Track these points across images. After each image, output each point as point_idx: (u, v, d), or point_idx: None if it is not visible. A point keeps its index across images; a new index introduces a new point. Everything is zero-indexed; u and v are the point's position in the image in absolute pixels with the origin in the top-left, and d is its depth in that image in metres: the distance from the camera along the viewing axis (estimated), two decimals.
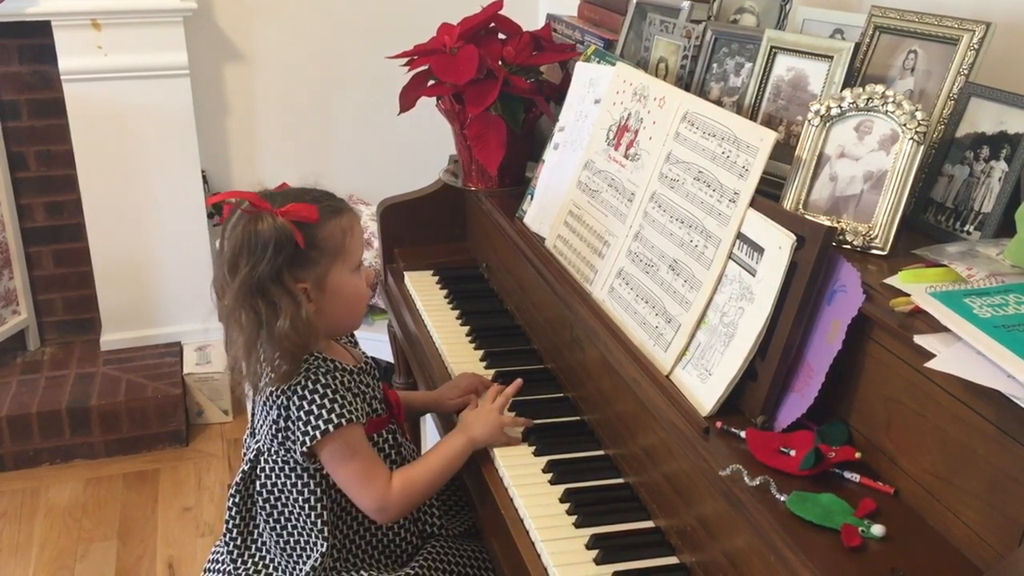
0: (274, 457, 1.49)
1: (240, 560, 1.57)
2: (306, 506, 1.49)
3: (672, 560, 1.31)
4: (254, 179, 3.39)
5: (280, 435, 1.45)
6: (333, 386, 1.44)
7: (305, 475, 1.48)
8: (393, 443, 1.57)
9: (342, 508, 1.52)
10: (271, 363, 1.41)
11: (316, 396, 1.42)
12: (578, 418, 1.65)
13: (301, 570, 1.50)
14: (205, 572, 1.63)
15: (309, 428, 1.42)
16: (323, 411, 1.42)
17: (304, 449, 1.43)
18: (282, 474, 1.50)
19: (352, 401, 1.45)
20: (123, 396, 3.08)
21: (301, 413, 1.42)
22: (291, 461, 1.48)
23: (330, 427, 1.41)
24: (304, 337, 1.41)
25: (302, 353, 1.43)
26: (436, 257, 2.29)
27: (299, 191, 1.49)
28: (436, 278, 2.22)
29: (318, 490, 1.48)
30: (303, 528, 1.50)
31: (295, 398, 1.43)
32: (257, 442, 1.52)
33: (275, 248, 1.38)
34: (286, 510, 1.51)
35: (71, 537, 2.73)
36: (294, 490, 1.49)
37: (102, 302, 3.33)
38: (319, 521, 1.48)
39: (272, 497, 1.51)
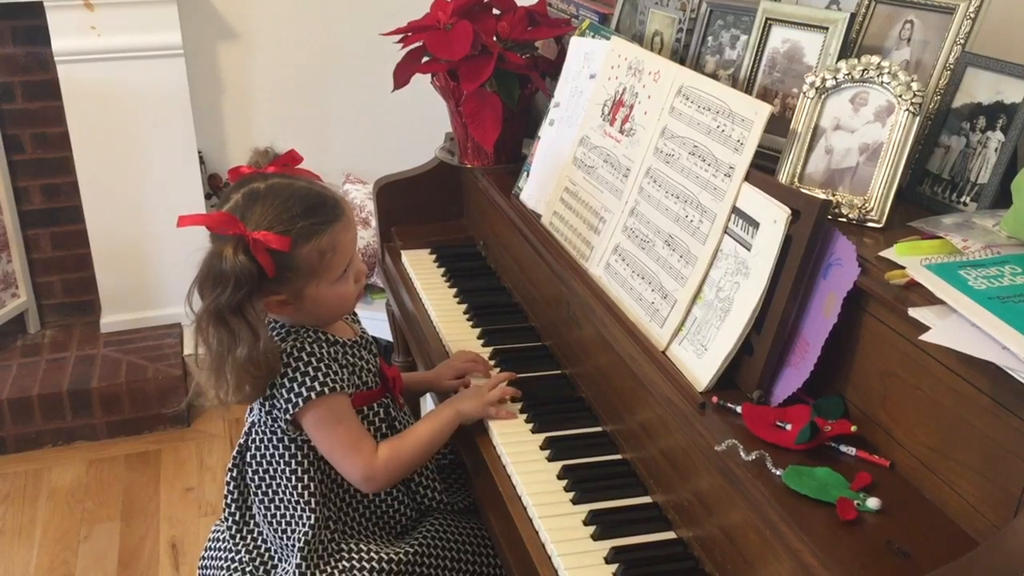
0: (263, 428, 1.51)
1: (239, 536, 1.58)
2: (292, 477, 1.50)
3: (669, 535, 1.32)
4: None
5: (267, 404, 1.47)
6: (318, 355, 1.45)
7: (292, 446, 1.50)
8: (384, 417, 1.57)
9: (331, 480, 1.53)
10: (233, 385, 1.42)
11: (300, 364, 1.44)
12: (575, 395, 1.65)
13: (292, 544, 1.50)
14: (206, 550, 1.64)
15: (292, 396, 1.43)
16: (306, 379, 1.43)
17: (288, 417, 1.45)
18: (270, 445, 1.51)
19: (338, 371, 1.47)
20: (124, 378, 3.09)
21: (285, 380, 1.44)
22: (278, 432, 1.49)
23: (312, 394, 1.43)
24: (262, 368, 1.41)
25: (264, 381, 1.44)
26: (433, 235, 2.29)
27: (287, 196, 1.42)
28: (433, 256, 2.21)
29: (304, 461, 1.50)
30: (290, 500, 1.51)
31: (280, 367, 1.44)
32: (251, 414, 1.54)
33: (235, 285, 1.37)
34: (274, 483, 1.52)
35: (74, 519, 2.74)
36: (281, 461, 1.51)
37: (101, 284, 3.33)
38: (305, 492, 1.49)
39: (261, 469, 1.53)
